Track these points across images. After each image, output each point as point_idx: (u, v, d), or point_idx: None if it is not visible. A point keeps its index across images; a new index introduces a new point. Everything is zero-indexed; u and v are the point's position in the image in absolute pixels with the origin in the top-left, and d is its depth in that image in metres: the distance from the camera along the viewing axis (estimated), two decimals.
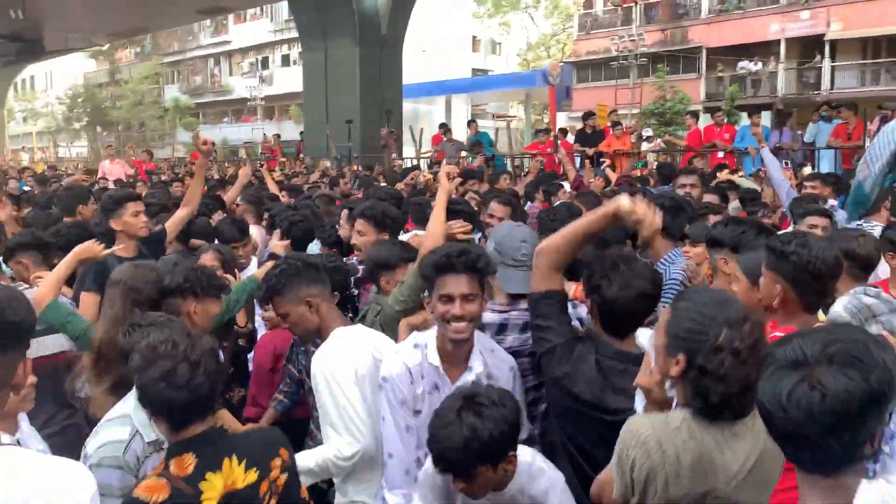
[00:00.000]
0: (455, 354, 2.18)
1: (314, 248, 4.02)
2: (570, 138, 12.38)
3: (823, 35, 21.70)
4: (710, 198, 5.06)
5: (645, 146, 12.47)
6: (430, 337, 2.21)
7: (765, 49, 22.96)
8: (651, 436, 1.63)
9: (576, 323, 2.36)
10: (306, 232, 4.01)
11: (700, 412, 1.62)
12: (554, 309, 2.18)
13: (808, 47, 22.56)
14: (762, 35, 22.64)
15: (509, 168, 12.28)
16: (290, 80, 33.48)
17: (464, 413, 1.78)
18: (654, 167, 9.09)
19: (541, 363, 2.20)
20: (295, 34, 24.63)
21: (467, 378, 2.15)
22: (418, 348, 2.20)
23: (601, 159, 9.70)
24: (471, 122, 12.91)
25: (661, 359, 1.66)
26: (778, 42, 22.67)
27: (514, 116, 30.77)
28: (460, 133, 16.11)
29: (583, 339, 2.17)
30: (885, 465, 1.68)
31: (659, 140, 13.47)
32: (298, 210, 4.62)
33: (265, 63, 39.74)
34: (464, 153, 11.78)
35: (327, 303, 2.33)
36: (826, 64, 21.96)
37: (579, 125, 12.69)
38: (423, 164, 12.66)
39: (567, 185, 6.57)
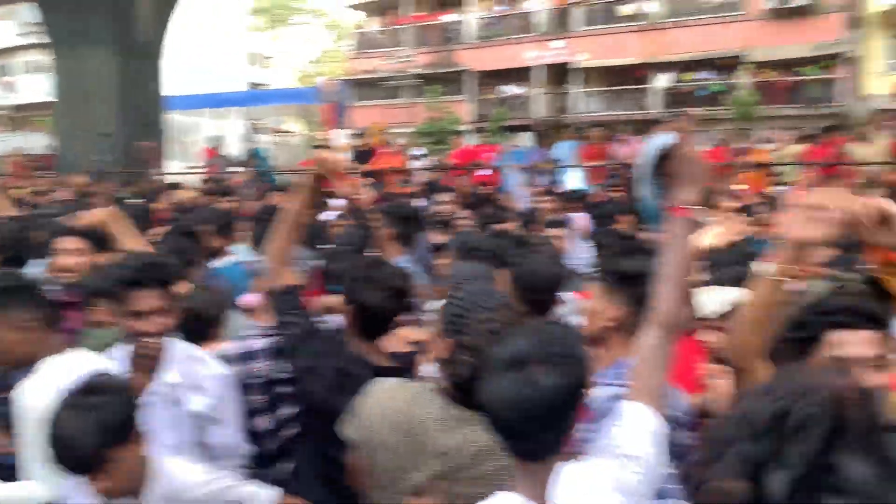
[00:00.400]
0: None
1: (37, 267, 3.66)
2: (348, 155, 12.51)
3: (573, 63, 23.97)
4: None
5: (416, 164, 12.94)
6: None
7: (525, 74, 24.86)
8: (373, 400, 1.74)
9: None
10: (21, 249, 3.63)
11: (447, 391, 1.73)
12: (295, 302, 2.25)
13: (561, 73, 24.76)
14: (521, 61, 24.54)
15: (283, 183, 12.13)
16: (37, 88, 30.38)
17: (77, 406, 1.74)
18: (421, 184, 9.48)
19: (286, 356, 2.25)
20: (42, 39, 22.33)
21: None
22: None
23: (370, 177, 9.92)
24: (245, 137, 12.60)
25: (437, 343, 1.77)
26: (535, 68, 24.66)
27: (292, 132, 30.42)
28: (238, 147, 15.60)
29: (327, 338, 2.23)
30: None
31: (429, 159, 14.05)
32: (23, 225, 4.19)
33: (8, 70, 35.74)
34: (235, 168, 11.45)
35: (41, 329, 2.15)
36: (576, 90, 24.29)
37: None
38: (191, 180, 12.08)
39: (336, 201, 6.66)
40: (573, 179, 9.98)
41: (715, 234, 4.06)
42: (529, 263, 2.72)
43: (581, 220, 5.91)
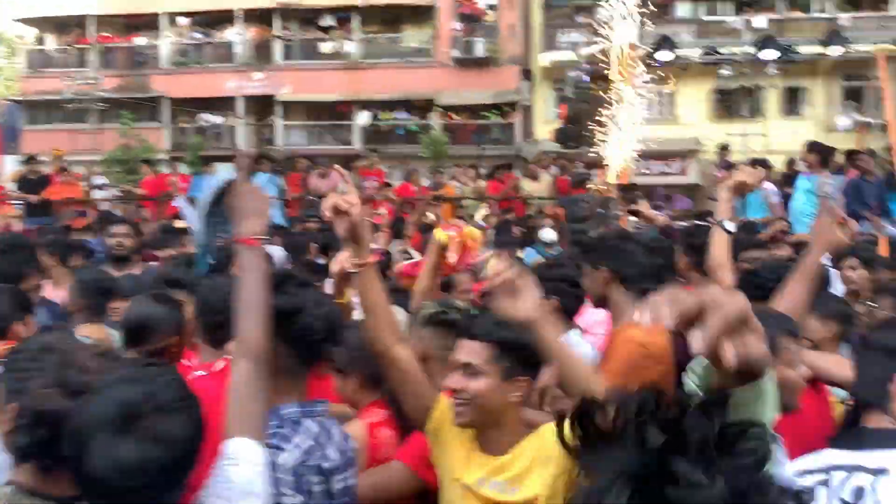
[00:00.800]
0: None
1: None
2: (11, 185, 11.03)
3: (275, 96, 23.87)
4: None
5: (99, 194, 11.84)
6: None
7: (225, 103, 24.15)
8: None
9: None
10: None
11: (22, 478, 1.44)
12: None
13: (264, 105, 24.49)
14: (221, 90, 23.81)
15: None
16: None
17: None
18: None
19: None
20: None
21: None
22: None
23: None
24: None
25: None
26: (237, 98, 24.10)
27: None
28: None
29: None
30: None
31: (116, 188, 12.95)
32: None
33: None
34: None
35: None
36: (279, 122, 24.20)
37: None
38: None
39: None
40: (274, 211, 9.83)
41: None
42: (212, 290, 2.58)
43: (276, 251, 5.83)
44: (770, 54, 11.40)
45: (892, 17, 21.50)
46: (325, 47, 24.06)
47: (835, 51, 11.90)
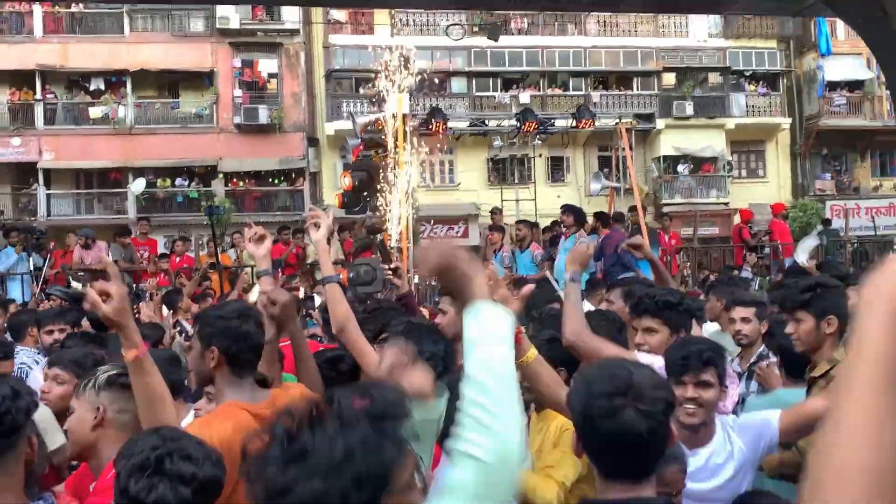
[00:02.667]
0: None
1: None
2: None
3: (37, 163, 21.91)
4: None
5: None
6: None
7: None
8: None
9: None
10: None
11: None
12: None
13: (24, 173, 22.37)
14: None
15: None
16: None
17: None
18: None
19: None
20: None
21: None
22: None
23: None
24: None
25: None
26: None
27: None
28: None
29: None
30: None
31: None
32: None
33: None
34: None
35: None
36: (41, 191, 22.15)
37: None
38: None
39: None
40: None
41: None
42: None
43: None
44: (529, 126, 12.53)
45: (635, 94, 24.64)
46: (95, 112, 22.57)
47: (584, 124, 13.34)
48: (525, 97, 22.92)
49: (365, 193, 10.45)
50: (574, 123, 13.75)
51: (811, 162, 25.36)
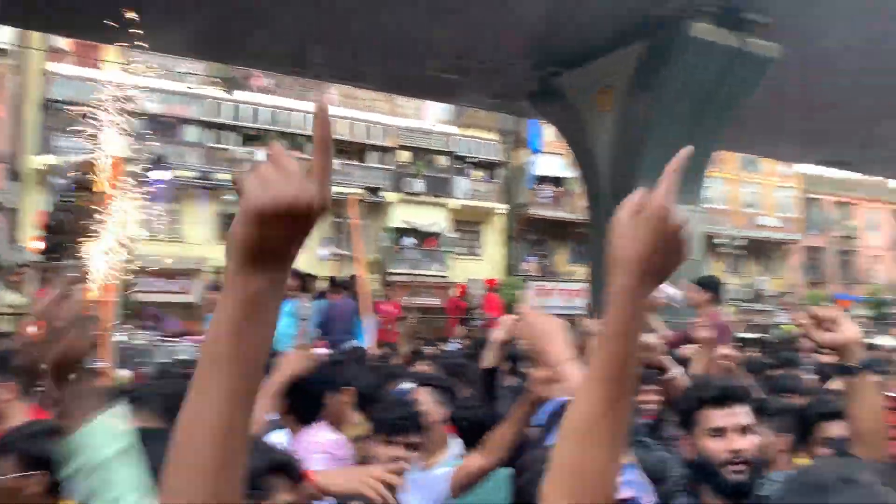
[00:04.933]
0: None
1: None
2: None
3: None
4: None
5: None
6: None
7: None
8: None
9: None
10: None
11: None
12: None
13: None
14: None
15: None
16: None
17: None
18: None
19: None
20: None
21: None
22: None
23: None
24: None
25: None
26: None
27: None
28: None
29: None
30: None
31: None
32: None
33: None
34: None
35: None
36: None
37: None
38: None
39: None
40: None
41: None
42: None
43: None
44: None
45: (371, 167, 25.61)
46: None
47: None
48: (262, 155, 22.67)
49: (64, 237, 9.45)
50: None
51: (521, 245, 28.14)
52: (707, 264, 17.48)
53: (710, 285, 5.83)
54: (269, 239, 0.78)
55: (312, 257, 21.33)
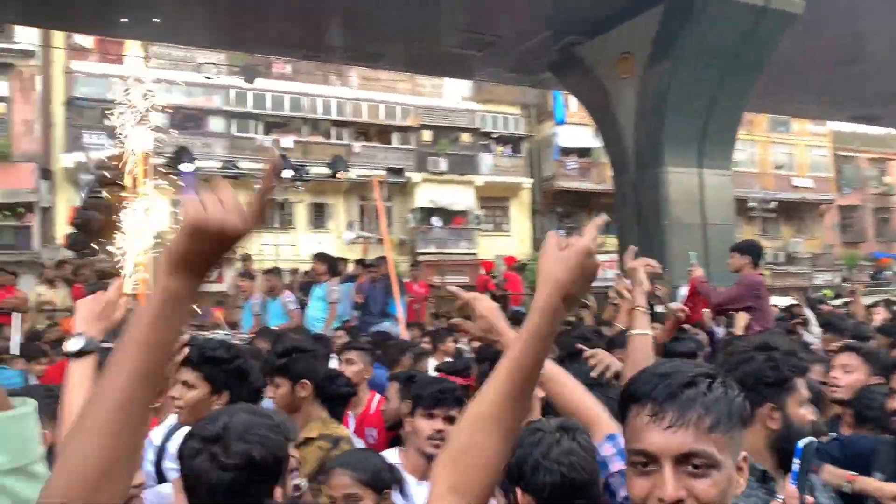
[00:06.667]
0: None
1: None
2: None
3: None
4: None
5: None
6: None
7: None
8: None
9: None
10: None
11: None
12: None
13: None
14: None
15: None
16: None
17: None
18: None
19: None
20: None
21: None
22: None
23: None
24: None
25: None
26: None
27: None
28: None
29: None
30: None
31: None
32: None
33: None
34: None
35: None
36: None
37: None
38: None
39: None
40: None
41: None
42: None
43: None
44: (285, 173, 12.45)
45: (394, 148, 25.57)
46: None
47: (339, 173, 13.56)
48: (287, 142, 22.75)
49: (92, 234, 9.59)
50: (328, 172, 13.92)
51: (548, 219, 27.97)
52: (738, 228, 17.23)
53: (749, 250, 5.85)
54: (195, 252, 0.97)
55: (340, 241, 21.44)
